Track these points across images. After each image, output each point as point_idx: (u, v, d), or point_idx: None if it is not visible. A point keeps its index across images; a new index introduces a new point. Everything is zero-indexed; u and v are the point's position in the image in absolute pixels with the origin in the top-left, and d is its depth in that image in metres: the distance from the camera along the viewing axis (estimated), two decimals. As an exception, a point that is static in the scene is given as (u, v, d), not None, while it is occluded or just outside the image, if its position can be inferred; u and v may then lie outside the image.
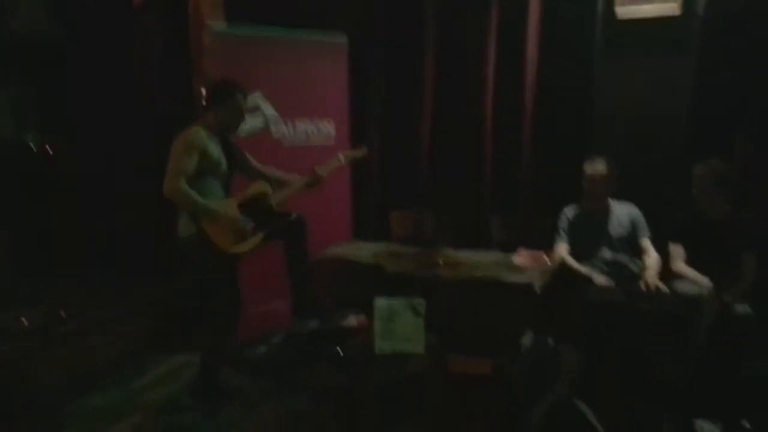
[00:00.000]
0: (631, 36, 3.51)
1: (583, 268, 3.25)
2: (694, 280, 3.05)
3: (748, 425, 2.59)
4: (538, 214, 3.69)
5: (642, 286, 3.04)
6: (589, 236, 3.34)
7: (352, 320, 2.84)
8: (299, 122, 3.84)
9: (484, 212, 3.91)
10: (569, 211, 3.45)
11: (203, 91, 2.98)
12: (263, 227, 2.96)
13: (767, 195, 3.28)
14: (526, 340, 2.90)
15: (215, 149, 2.89)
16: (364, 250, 3.59)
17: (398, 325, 2.58)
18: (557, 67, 3.71)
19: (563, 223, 3.43)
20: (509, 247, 3.48)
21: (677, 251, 3.19)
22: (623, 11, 3.50)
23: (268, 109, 3.75)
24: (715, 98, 3.41)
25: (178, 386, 3.28)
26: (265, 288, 3.62)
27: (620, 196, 3.35)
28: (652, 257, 3.21)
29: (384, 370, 2.50)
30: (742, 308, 2.89)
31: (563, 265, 3.29)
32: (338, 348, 2.58)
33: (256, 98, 3.70)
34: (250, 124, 3.68)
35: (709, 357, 2.61)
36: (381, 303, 2.58)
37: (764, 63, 3.31)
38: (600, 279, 3.16)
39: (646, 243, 3.27)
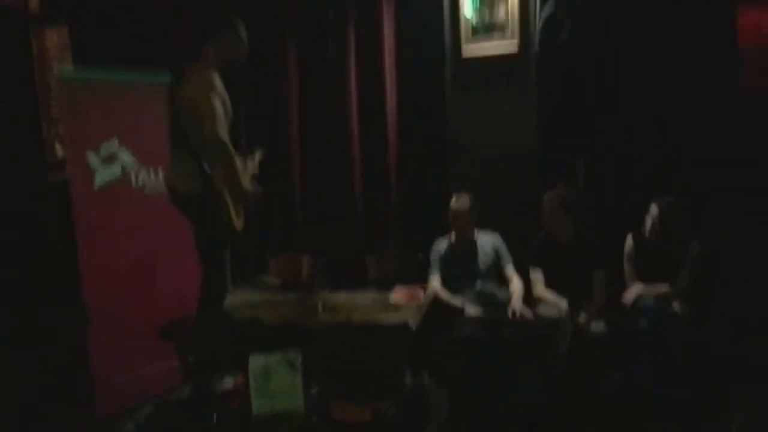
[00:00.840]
0: (477, 73, 3.74)
1: (455, 300, 3.38)
2: (554, 303, 3.27)
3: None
4: (410, 250, 3.78)
5: (509, 313, 3.22)
6: (459, 268, 3.48)
7: (229, 382, 2.74)
8: (162, 169, 3.67)
9: (359, 252, 3.95)
10: (439, 244, 3.58)
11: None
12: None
13: (610, 216, 3.59)
14: (408, 380, 2.96)
15: (226, 95, 2.69)
16: (240, 302, 3.49)
17: (275, 383, 2.52)
18: (414, 106, 3.86)
19: (434, 256, 3.55)
20: (386, 285, 3.54)
21: (536, 276, 3.40)
22: (468, 49, 3.73)
23: (126, 156, 3.56)
24: (557, 128, 3.71)
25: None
26: (135, 352, 3.41)
27: (483, 225, 3.54)
28: (516, 285, 3.40)
29: (264, 432, 2.43)
30: (596, 326, 3.14)
31: (437, 299, 3.39)
32: (214, 414, 2.48)
33: (112, 145, 3.51)
34: (107, 173, 3.49)
35: (570, 377, 2.81)
36: (255, 361, 2.52)
37: (593, 94, 3.66)
38: (471, 310, 3.29)
39: (510, 271, 3.47)
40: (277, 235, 4.10)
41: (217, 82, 2.61)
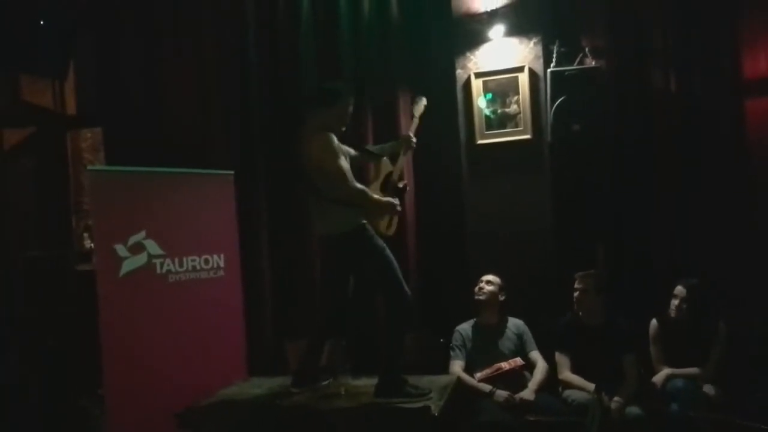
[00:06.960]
0: (491, 159, 3.92)
1: (481, 384, 3.30)
2: (582, 386, 3.19)
3: None
4: (431, 334, 3.74)
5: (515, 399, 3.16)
6: (484, 351, 3.44)
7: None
8: (186, 257, 3.76)
9: (380, 336, 3.90)
10: (463, 328, 3.55)
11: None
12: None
13: (631, 300, 3.56)
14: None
15: (345, 148, 2.93)
16: (259, 388, 3.43)
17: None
18: (431, 193, 3.95)
19: (457, 341, 3.51)
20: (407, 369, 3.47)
21: (563, 360, 3.35)
22: (482, 137, 3.93)
23: (153, 247, 3.65)
24: (572, 211, 3.79)
25: None
26: None
27: (507, 310, 3.53)
28: (538, 371, 3.35)
29: None
30: (632, 409, 3.05)
31: (460, 383, 3.31)
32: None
33: (139, 237, 3.61)
34: (133, 262, 3.56)
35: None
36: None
37: (607, 182, 3.78)
38: (502, 393, 3.21)
39: (535, 356, 3.42)
40: (295, 320, 4.09)
41: (335, 141, 2.85)
